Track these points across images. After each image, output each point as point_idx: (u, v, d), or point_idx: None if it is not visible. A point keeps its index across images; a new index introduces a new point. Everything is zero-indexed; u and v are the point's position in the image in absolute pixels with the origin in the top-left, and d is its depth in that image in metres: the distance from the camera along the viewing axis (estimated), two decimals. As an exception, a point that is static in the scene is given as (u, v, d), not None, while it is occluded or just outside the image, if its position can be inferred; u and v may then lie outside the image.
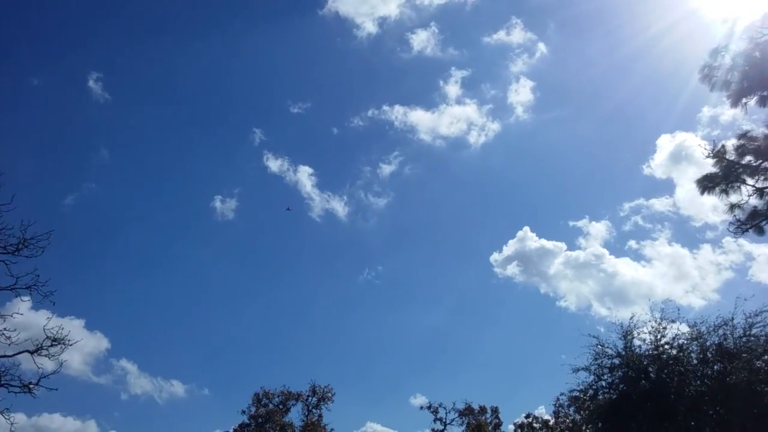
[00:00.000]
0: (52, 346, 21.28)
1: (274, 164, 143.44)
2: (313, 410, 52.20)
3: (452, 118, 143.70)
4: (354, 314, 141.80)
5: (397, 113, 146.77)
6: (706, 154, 17.48)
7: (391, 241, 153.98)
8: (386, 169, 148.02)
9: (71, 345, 21.80)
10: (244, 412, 50.46)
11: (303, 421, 51.22)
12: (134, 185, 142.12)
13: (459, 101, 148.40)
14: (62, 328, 21.45)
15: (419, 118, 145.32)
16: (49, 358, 21.44)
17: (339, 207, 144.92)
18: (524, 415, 76.30)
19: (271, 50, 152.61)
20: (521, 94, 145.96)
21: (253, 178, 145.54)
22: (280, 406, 51.27)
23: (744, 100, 16.50)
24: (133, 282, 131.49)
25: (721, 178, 17.42)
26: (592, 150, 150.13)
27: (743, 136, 17.37)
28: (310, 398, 52.37)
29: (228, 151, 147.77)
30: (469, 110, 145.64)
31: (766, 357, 24.88)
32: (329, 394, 52.73)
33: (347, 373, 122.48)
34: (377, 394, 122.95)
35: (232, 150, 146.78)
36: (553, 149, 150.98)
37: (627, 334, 26.81)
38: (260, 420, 49.65)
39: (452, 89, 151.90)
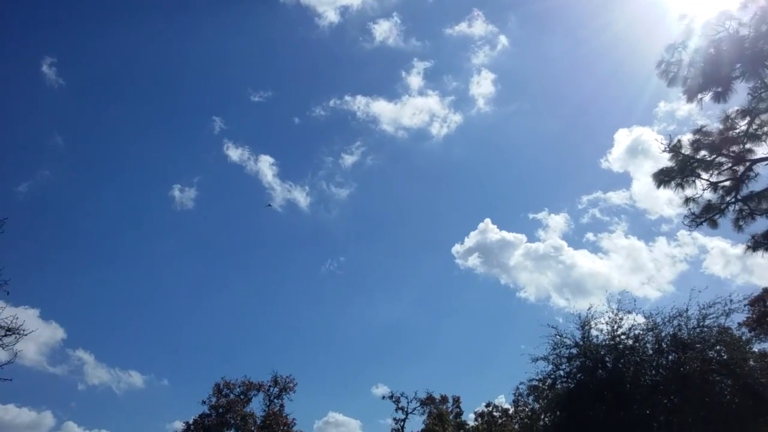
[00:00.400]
0: (6, 335, 20.74)
1: (234, 153, 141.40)
2: (275, 400, 51.97)
3: (414, 109, 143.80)
4: (316, 305, 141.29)
5: (359, 103, 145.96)
6: (663, 149, 17.80)
7: (354, 232, 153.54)
8: (348, 160, 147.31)
9: (26, 335, 21.27)
10: (204, 402, 50.01)
11: (264, 411, 51.01)
12: (90, 173, 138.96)
13: (421, 92, 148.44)
14: (17, 318, 20.91)
15: (382, 108, 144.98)
16: (3, 348, 20.90)
17: (301, 197, 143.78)
18: (485, 404, 77.37)
19: (232, 37, 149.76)
20: (483, 86, 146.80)
21: (213, 167, 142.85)
22: (242, 397, 50.87)
23: (699, 96, 16.77)
24: (89, 271, 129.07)
25: (676, 172, 17.73)
26: (551, 143, 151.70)
27: (698, 131, 17.73)
28: (271, 388, 52.07)
29: (187, 140, 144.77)
30: (432, 102, 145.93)
31: (718, 347, 25.47)
32: (291, 384, 52.53)
33: (309, 364, 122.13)
34: (339, 384, 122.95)
35: (191, 138, 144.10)
36: (514, 142, 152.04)
37: (585, 324, 27.21)
38: (221, 410, 49.16)
39: (414, 80, 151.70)
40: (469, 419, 77.04)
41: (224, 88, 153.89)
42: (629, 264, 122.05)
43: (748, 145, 17.62)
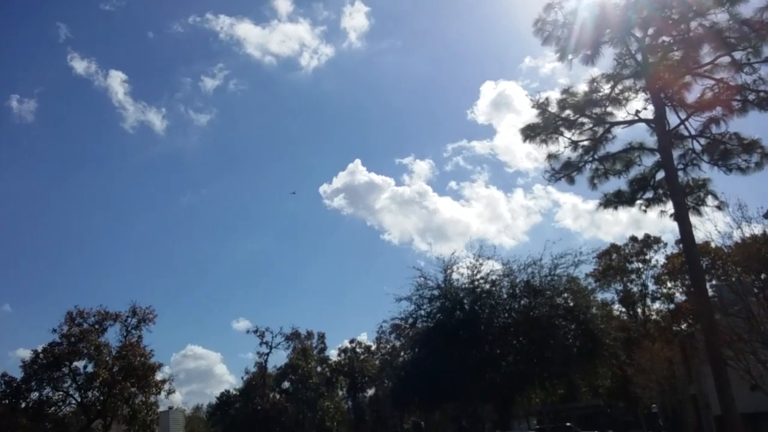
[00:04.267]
0: None
1: (80, 65, 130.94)
2: (133, 331, 50.46)
3: (283, 36, 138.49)
4: (176, 236, 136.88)
5: (222, 24, 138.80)
6: (531, 105, 18.45)
7: (215, 162, 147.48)
8: (209, 83, 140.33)
9: None
10: (55, 330, 47.59)
11: (121, 341, 49.51)
12: None
13: (291, 18, 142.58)
14: None
15: (247, 31, 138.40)
16: None
17: (156, 120, 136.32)
18: (348, 340, 79.59)
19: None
20: (355, 19, 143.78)
21: (56, 79, 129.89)
22: (96, 326, 48.97)
23: (570, 57, 17.43)
24: None
25: (542, 129, 18.44)
26: (421, 87, 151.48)
27: (566, 91, 18.48)
28: (129, 319, 50.43)
29: (27, 47, 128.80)
30: (301, 30, 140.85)
31: (566, 295, 27.44)
32: (151, 316, 51.04)
33: (168, 296, 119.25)
34: (199, 317, 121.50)
35: (31, 45, 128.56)
36: (385, 82, 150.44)
37: (447, 268, 28.31)
38: (73, 339, 47.17)
39: (283, 4, 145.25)
40: (332, 355, 79.08)
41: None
42: (488, 213, 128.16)
43: (609, 108, 18.57)
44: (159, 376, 50.14)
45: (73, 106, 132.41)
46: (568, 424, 55.39)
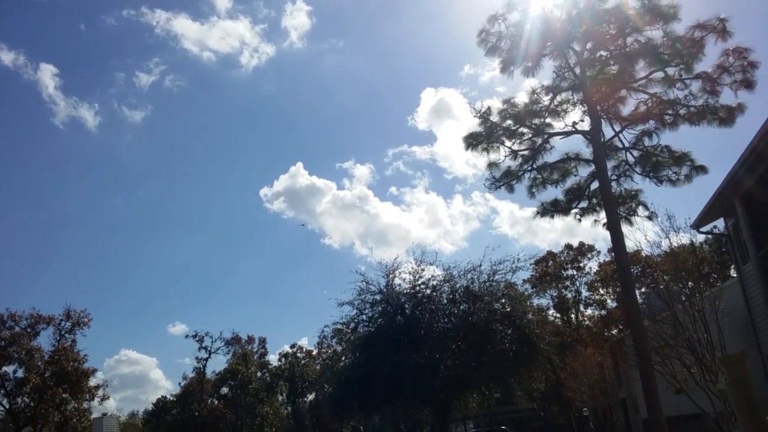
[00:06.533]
0: None
1: (7, 57, 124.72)
2: (66, 335, 49.07)
3: (223, 33, 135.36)
4: (110, 238, 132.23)
5: (158, 18, 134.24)
6: (474, 114, 18.91)
7: (151, 162, 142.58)
8: (144, 79, 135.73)
9: None
10: (-16, 334, 46.02)
11: (54, 346, 48.08)
12: None
13: (230, 15, 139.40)
14: None
15: (184, 27, 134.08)
16: None
17: (88, 116, 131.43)
18: (289, 345, 79.09)
19: None
20: (297, 18, 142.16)
21: None
22: (28, 330, 47.48)
23: (512, 68, 17.98)
24: None
25: (484, 137, 18.93)
26: (362, 89, 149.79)
27: (507, 101, 19.10)
28: (63, 322, 49.01)
29: None
30: (241, 27, 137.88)
31: (503, 300, 27.98)
32: (86, 319, 49.71)
33: (100, 300, 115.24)
34: (133, 321, 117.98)
35: None
36: (326, 83, 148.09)
37: (390, 273, 28.50)
38: (3, 343, 45.62)
39: (221, 0, 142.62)
40: (273, 360, 78.43)
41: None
42: (428, 218, 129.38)
43: (548, 119, 19.22)
44: (92, 382, 48.98)
45: (0, 100, 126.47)
46: (503, 427, 56.47)
